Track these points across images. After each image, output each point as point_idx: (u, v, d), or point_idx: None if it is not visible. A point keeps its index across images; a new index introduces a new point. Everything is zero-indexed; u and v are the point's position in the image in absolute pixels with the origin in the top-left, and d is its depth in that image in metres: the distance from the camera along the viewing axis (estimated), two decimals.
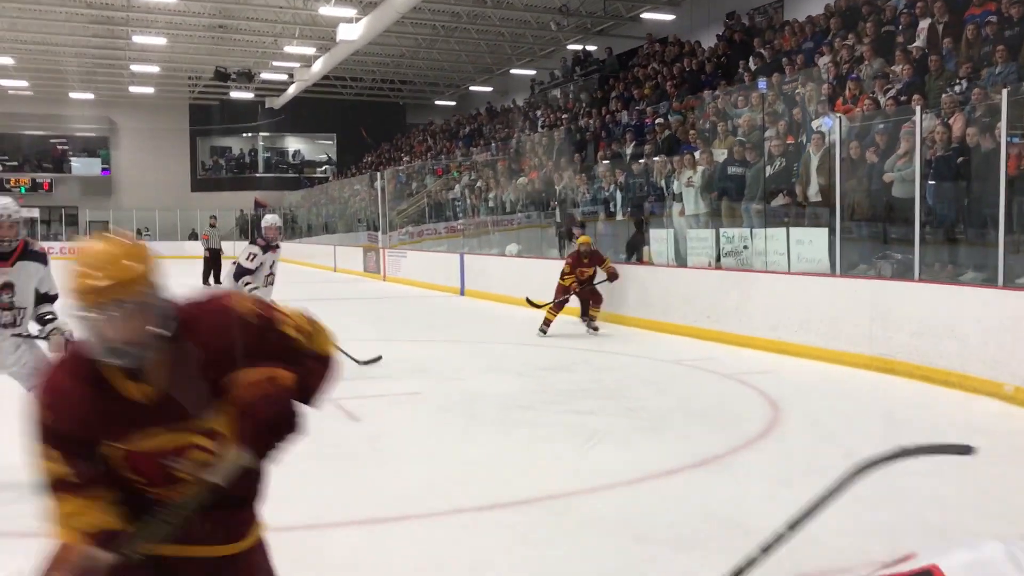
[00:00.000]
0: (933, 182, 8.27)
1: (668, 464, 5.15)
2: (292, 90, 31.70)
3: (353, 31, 21.70)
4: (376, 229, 24.18)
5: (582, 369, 8.76)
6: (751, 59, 15.07)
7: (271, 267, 8.36)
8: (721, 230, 11.01)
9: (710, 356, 9.16)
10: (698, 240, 11.29)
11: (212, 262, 19.43)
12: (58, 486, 1.94)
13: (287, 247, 32.41)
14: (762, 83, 12.83)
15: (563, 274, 11.01)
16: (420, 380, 7.94)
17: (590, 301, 11.06)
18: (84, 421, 1.95)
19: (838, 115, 9.79)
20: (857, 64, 11.75)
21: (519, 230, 17.67)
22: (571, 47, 25.06)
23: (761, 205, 10.51)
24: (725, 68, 16.06)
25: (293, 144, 42.06)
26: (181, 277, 17.82)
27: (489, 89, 31.92)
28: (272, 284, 8.40)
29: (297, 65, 28.36)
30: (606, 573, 3.57)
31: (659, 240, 12.19)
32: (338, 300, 17.01)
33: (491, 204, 18.89)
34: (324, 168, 41.13)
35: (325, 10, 20.61)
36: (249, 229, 37.31)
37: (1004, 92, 7.47)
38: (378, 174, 25.80)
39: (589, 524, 4.14)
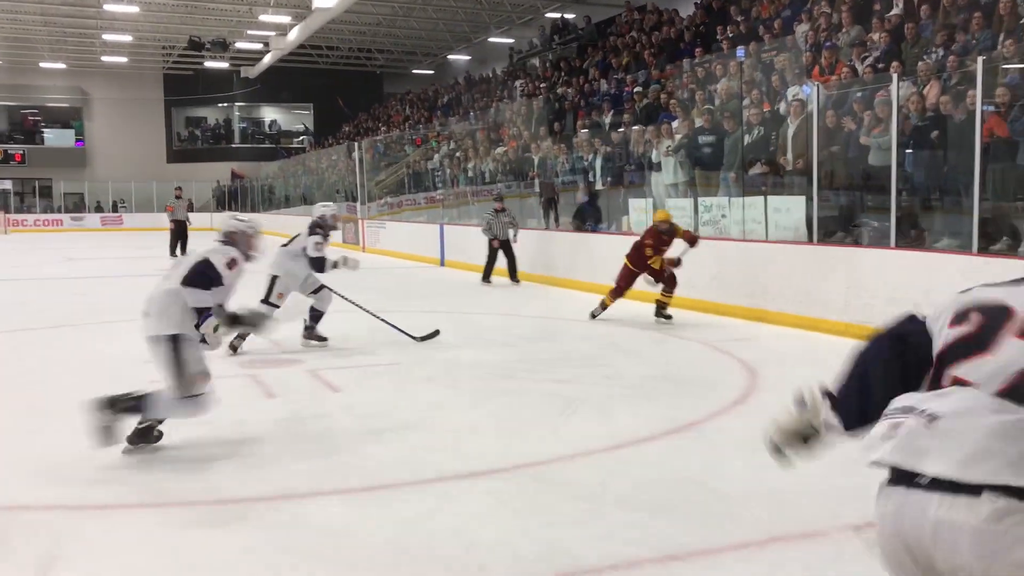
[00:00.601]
0: (910, 151, 8.33)
1: (646, 431, 5.21)
2: (267, 59, 31.37)
3: None
4: (355, 200, 24.06)
5: (562, 338, 8.81)
6: (729, 27, 15.03)
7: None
8: (699, 199, 11.06)
9: (688, 323, 9.23)
10: (677, 209, 11.31)
11: (178, 234, 19.49)
12: None
13: (264, 219, 32.21)
14: (740, 51, 12.83)
15: (644, 256, 9.33)
16: (400, 351, 7.96)
17: (664, 286, 9.43)
18: None
19: (816, 83, 9.81)
20: (835, 32, 11.77)
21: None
22: (549, 15, 24.92)
23: (737, 174, 10.54)
24: (703, 36, 16.02)
25: (269, 114, 41.68)
26: (156, 248, 17.73)
27: (467, 58, 31.72)
28: None
29: (272, 34, 28.04)
30: (586, 538, 3.62)
31: (638, 209, 12.23)
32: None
33: (470, 174, 18.83)
34: (301, 138, 40.81)
35: None
36: (226, 200, 37.06)
37: (979, 60, 7.52)
38: (356, 144, 25.63)
39: (569, 490, 4.19)
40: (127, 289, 12.32)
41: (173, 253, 18.89)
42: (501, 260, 13.52)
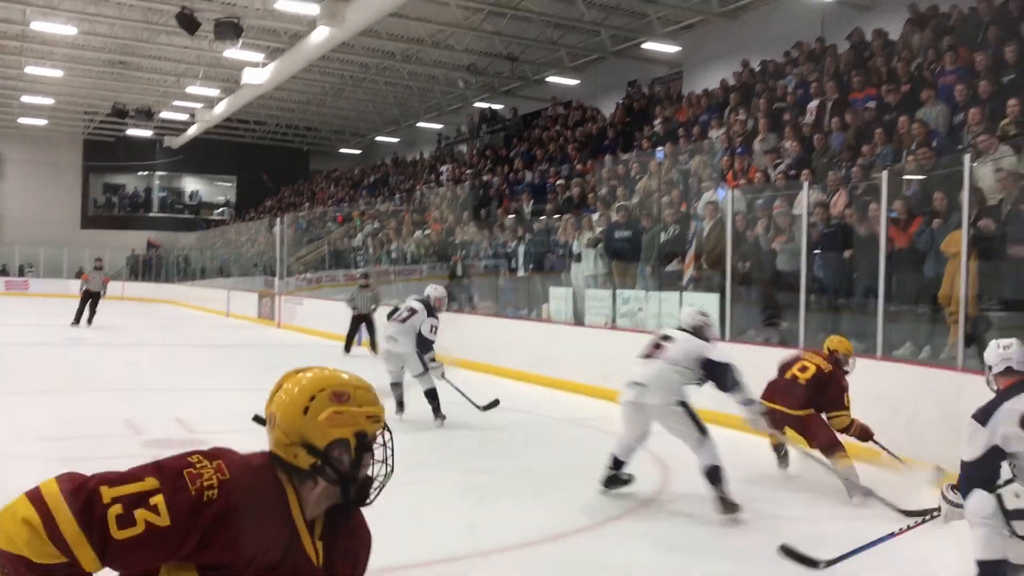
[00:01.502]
0: (818, 251, 8.67)
1: (561, 527, 5.18)
2: (193, 130, 31.14)
3: (259, 75, 21.55)
4: (273, 275, 23.77)
5: (480, 426, 8.74)
6: (649, 127, 15.60)
7: None
8: (617, 291, 11.27)
9: (606, 415, 9.27)
10: (596, 300, 11.52)
11: (87, 302, 18.99)
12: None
13: (178, 290, 31.54)
14: (659, 152, 13.30)
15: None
16: None
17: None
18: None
19: (730, 188, 10.21)
20: (750, 138, 12.31)
21: (421, 281, 17.66)
22: (478, 104, 25.46)
23: (654, 268, 10.81)
24: (625, 135, 16.57)
25: (191, 185, 41.16)
26: (60, 317, 17.00)
27: (396, 140, 32.05)
28: None
29: (199, 105, 27.89)
30: None
31: (558, 298, 12.39)
32: (229, 346, 16.59)
33: (393, 255, 18.85)
34: (222, 210, 40.33)
35: (231, 53, 20.40)
36: (140, 270, 36.18)
37: (884, 172, 7.94)
38: (278, 219, 25.45)
39: None
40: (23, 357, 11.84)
41: (77, 321, 18.50)
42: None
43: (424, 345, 8.56)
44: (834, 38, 13.78)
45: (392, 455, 1.98)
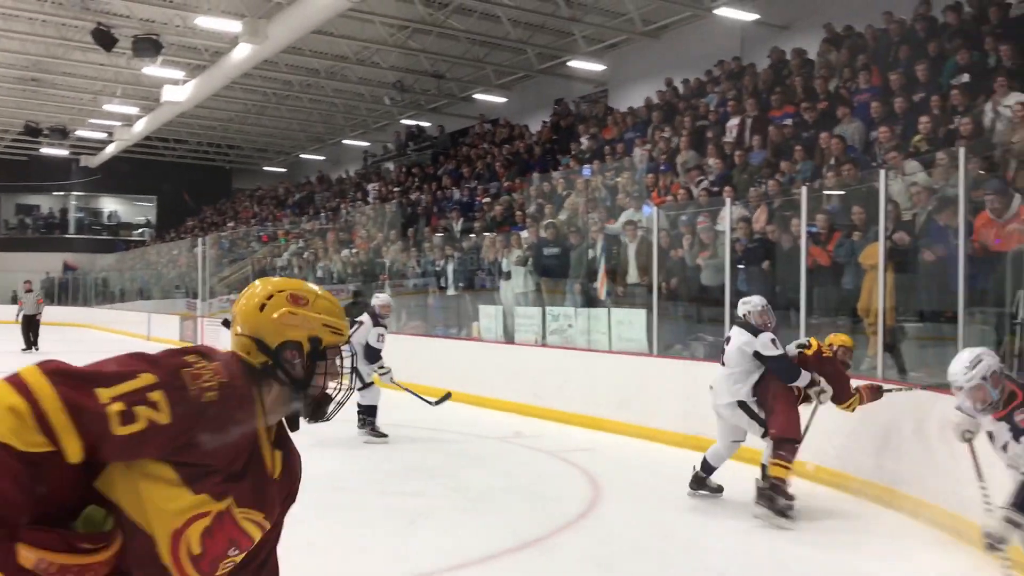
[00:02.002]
0: (743, 265, 8.80)
1: (490, 547, 5.11)
2: (111, 149, 30.30)
3: (179, 93, 21.08)
4: (195, 296, 23.21)
5: (408, 447, 8.62)
6: (576, 144, 15.71)
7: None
8: (547, 308, 11.27)
9: (535, 433, 9.24)
10: (525, 318, 11.50)
11: (28, 327, 19.56)
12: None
13: (96, 313, 30.55)
14: (586, 170, 13.39)
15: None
16: None
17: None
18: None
19: (654, 205, 10.32)
20: (673, 156, 12.48)
21: (348, 300, 17.44)
22: (404, 122, 25.33)
23: (583, 285, 10.86)
24: (552, 152, 16.66)
25: (109, 205, 40.00)
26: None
27: (321, 157, 31.68)
28: None
29: (117, 124, 27.15)
30: None
31: (488, 316, 12.34)
32: None
33: (320, 274, 18.57)
34: (142, 231, 39.27)
35: (150, 70, 19.91)
36: (56, 292, 34.96)
37: (804, 188, 8.10)
38: (200, 239, 24.88)
39: None
40: None
41: (28, 347, 19.07)
42: None
43: (372, 355, 8.66)
44: (753, 57, 14.09)
45: (351, 375, 1.99)
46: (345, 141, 28.88)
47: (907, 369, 7.14)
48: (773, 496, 5.70)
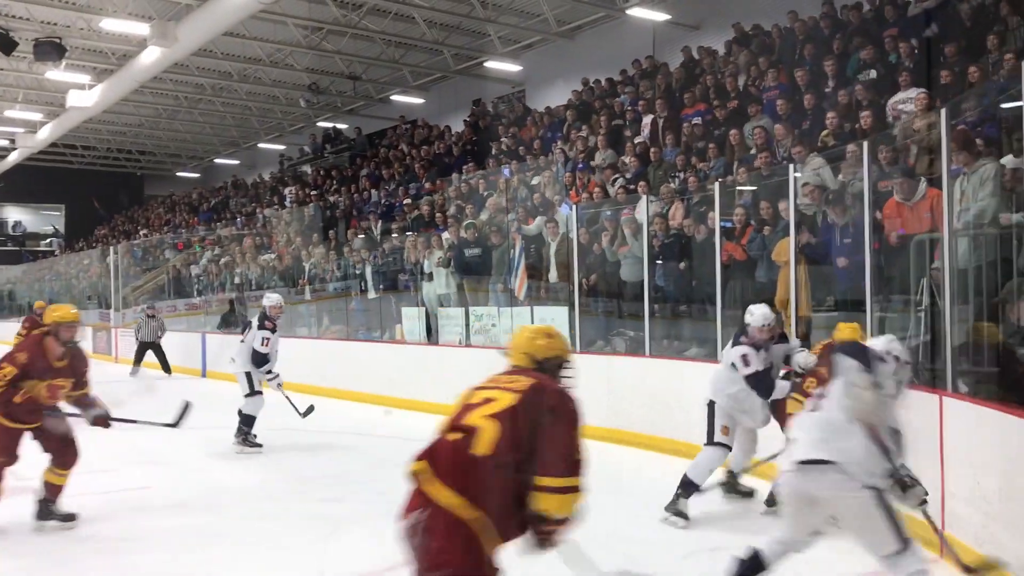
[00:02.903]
0: (660, 261, 8.94)
1: None
2: (14, 157, 29.15)
3: (86, 98, 20.37)
4: (108, 307, 22.53)
5: (328, 454, 8.51)
6: (496, 145, 15.74)
7: (276, 348, 8.62)
8: (470, 308, 11.28)
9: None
10: (448, 318, 11.48)
11: None
12: None
13: (3, 326, 29.39)
14: (506, 169, 13.43)
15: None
16: (152, 473, 7.38)
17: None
18: None
19: (572, 203, 10.41)
20: (590, 154, 12.60)
21: (225, 310, 17.22)
22: (321, 124, 25.01)
23: (505, 284, 10.89)
24: (472, 153, 16.66)
25: (14, 215, 38.49)
26: None
27: (236, 162, 31.04)
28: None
29: (20, 130, 26.15)
30: None
31: (411, 318, 12.28)
32: None
33: (237, 280, 18.21)
34: (50, 241, 37.91)
35: (53, 75, 19.23)
36: None
37: (717, 184, 8.27)
38: (111, 248, 24.15)
39: None
40: None
41: None
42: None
43: (259, 360, 8.47)
44: (666, 56, 14.33)
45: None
46: (260, 145, 28.37)
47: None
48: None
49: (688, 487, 5.63)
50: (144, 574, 4.77)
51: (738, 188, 9.00)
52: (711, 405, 5.87)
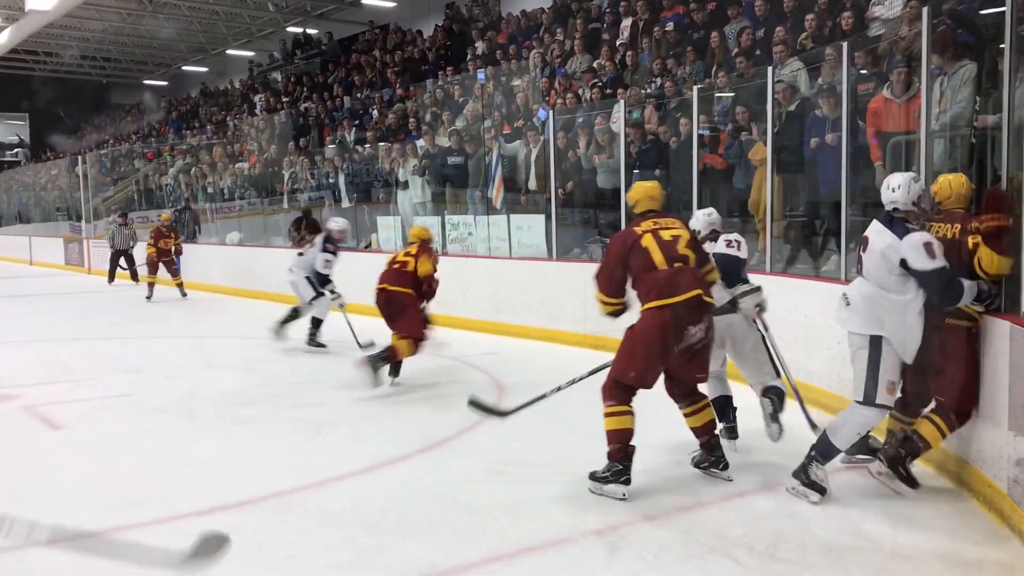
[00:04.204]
0: (637, 171, 8.91)
1: (398, 450, 5.18)
2: None
3: (45, 1, 19.68)
4: (79, 219, 22.23)
5: (309, 360, 8.58)
6: (471, 49, 15.42)
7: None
8: (446, 217, 11.23)
9: (436, 338, 9.30)
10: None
11: None
12: None
13: None
14: (480, 74, 13.19)
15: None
16: (132, 381, 7.41)
17: None
18: None
19: (550, 108, 10.28)
20: (567, 59, 12.39)
21: (240, 217, 17.00)
22: (291, 29, 24.34)
23: (482, 192, 10.83)
24: (446, 58, 16.33)
25: None
26: None
27: (204, 69, 30.25)
28: None
29: None
30: (334, 566, 3.53)
31: (387, 227, 12.22)
32: (36, 296, 15.51)
33: (210, 191, 17.98)
34: (16, 151, 37.09)
35: None
36: None
37: (695, 89, 8.19)
38: (79, 158, 23.69)
39: (317, 519, 4.06)
40: None
41: None
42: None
43: (320, 280, 8.83)
44: None
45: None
46: (229, 51, 27.61)
47: (795, 261, 7.42)
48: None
49: (827, 451, 4.22)
50: (123, 471, 4.83)
51: (716, 95, 8.91)
52: (877, 344, 4.11)
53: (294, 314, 9.17)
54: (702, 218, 5.33)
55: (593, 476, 4.37)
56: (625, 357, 4.38)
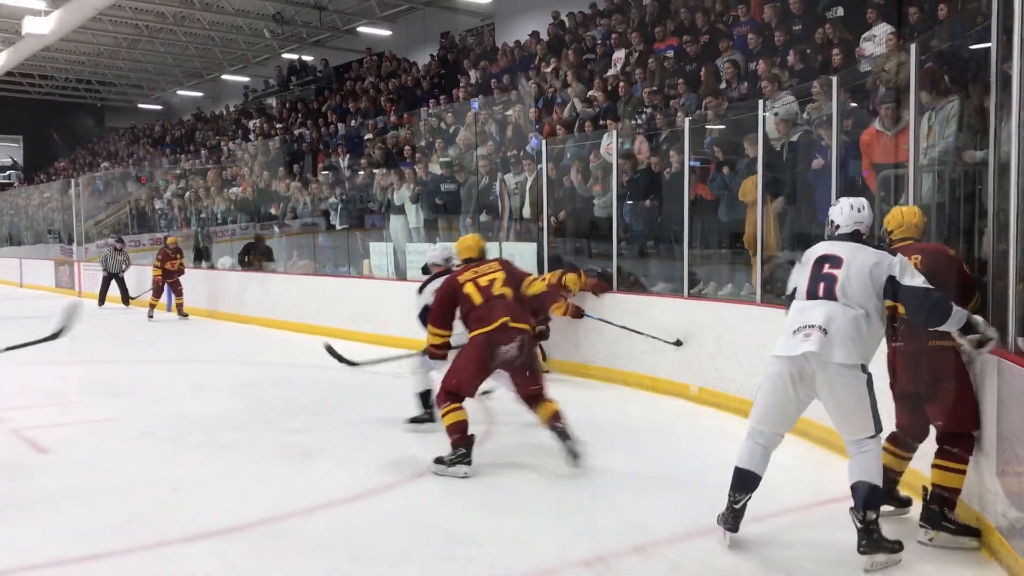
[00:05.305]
0: (630, 202, 8.95)
1: (386, 478, 5.15)
2: None
3: (42, 25, 19.79)
4: (70, 241, 22.20)
5: (296, 384, 8.54)
6: (464, 78, 15.54)
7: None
8: (440, 244, 11.25)
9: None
10: (417, 254, 11.43)
11: None
12: None
13: None
14: (474, 103, 13.29)
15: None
16: (119, 404, 7.38)
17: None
18: None
19: (542, 138, 10.35)
20: (561, 89, 12.50)
21: (233, 241, 17.00)
22: (286, 56, 24.51)
23: (474, 219, 10.87)
24: (440, 86, 16.45)
25: None
26: None
27: (199, 94, 30.40)
28: None
29: None
30: None
31: (379, 253, 12.24)
32: (25, 318, 15.41)
33: (203, 215, 17.99)
34: (8, 173, 37.13)
35: (8, 0, 18.61)
36: None
37: (686, 120, 8.24)
38: (72, 180, 23.70)
39: (303, 547, 4.04)
40: None
41: None
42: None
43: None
44: None
45: None
46: (224, 76, 27.78)
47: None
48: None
49: (875, 497, 3.81)
50: (107, 495, 4.80)
51: (706, 127, 8.98)
52: (867, 372, 3.84)
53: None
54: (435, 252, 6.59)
55: (439, 461, 5.17)
56: (451, 372, 5.39)
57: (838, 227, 4.06)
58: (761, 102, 7.28)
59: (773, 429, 3.99)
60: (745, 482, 3.96)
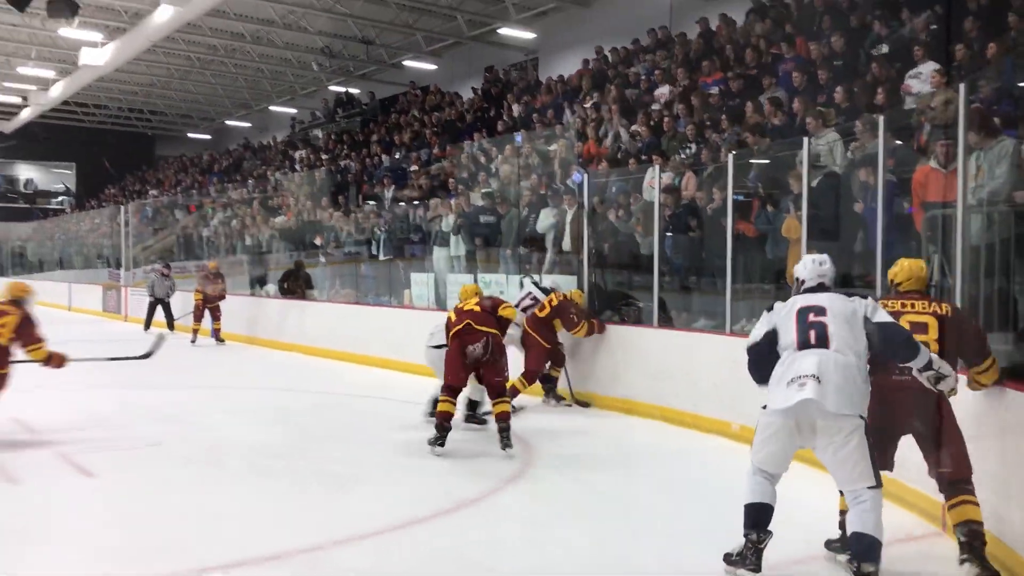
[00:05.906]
0: (670, 234, 8.93)
1: (423, 510, 5.15)
2: (26, 114, 29.19)
3: (98, 56, 20.36)
4: (118, 266, 22.64)
5: (336, 414, 8.60)
6: (508, 112, 15.68)
7: None
8: (479, 275, 11.31)
9: (464, 397, 9.28)
10: (457, 284, 11.50)
11: None
12: None
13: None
14: (518, 137, 13.40)
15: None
16: (163, 430, 7.47)
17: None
18: None
19: (585, 172, 10.38)
20: (604, 123, 12.55)
21: (277, 270, 17.23)
22: (333, 88, 24.94)
23: (514, 251, 10.93)
24: (484, 120, 16.61)
25: (25, 172, 38.62)
26: None
27: (247, 124, 30.99)
28: None
29: (33, 87, 26.16)
30: None
31: (420, 283, 12.33)
32: (72, 342, 15.70)
33: (248, 242, 18.27)
34: (61, 199, 38.06)
35: (67, 32, 19.18)
36: None
37: (730, 156, 8.23)
38: (122, 208, 24.23)
39: None
40: None
41: None
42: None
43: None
44: (681, 26, 14.20)
45: None
46: (272, 108, 28.32)
47: None
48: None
49: (874, 551, 3.79)
50: (149, 520, 4.85)
51: (751, 161, 8.95)
52: (864, 422, 3.83)
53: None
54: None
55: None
56: (444, 372, 6.84)
57: (803, 282, 4.21)
58: (805, 139, 7.25)
59: (776, 471, 4.06)
60: (761, 517, 3.96)
